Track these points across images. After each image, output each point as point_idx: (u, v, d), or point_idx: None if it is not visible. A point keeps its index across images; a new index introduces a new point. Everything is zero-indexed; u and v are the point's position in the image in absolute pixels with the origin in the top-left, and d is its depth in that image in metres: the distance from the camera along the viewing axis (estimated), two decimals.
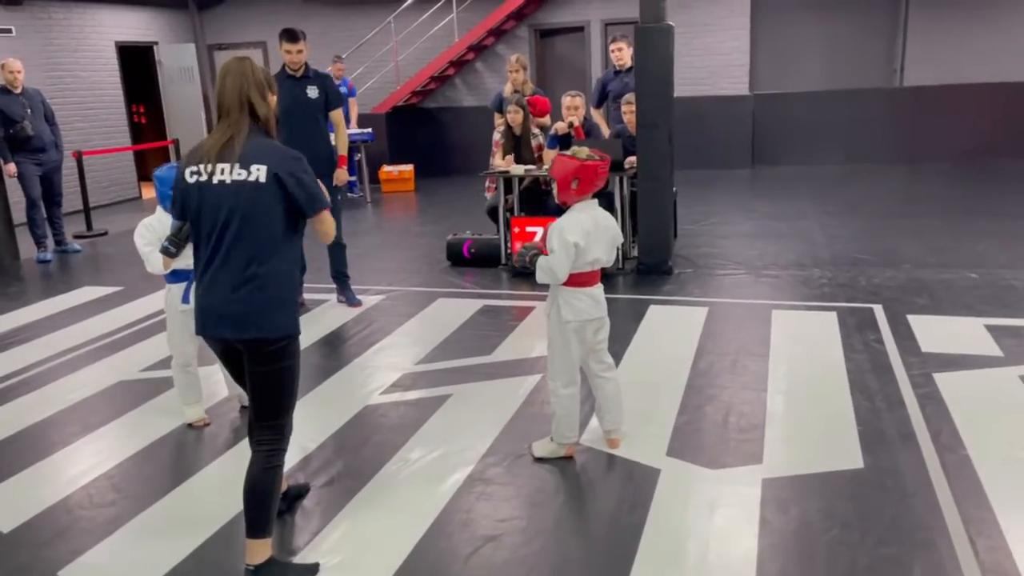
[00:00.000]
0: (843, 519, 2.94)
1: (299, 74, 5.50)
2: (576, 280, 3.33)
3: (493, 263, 6.77)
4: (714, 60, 11.51)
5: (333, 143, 5.78)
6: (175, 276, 3.74)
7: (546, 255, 3.27)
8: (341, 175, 5.71)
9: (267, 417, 2.66)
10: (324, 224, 2.71)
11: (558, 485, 3.33)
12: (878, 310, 5.19)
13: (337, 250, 5.84)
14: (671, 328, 5.14)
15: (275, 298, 2.58)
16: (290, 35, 5.42)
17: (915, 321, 4.94)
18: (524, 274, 6.21)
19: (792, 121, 11.56)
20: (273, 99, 2.69)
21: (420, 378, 4.53)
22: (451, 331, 5.26)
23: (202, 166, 2.55)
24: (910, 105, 11.20)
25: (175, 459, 3.71)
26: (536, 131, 6.96)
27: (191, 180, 2.57)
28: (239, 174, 2.52)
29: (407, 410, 4.11)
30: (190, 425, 4.00)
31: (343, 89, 10.48)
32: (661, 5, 5.99)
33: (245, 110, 2.59)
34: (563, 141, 6.68)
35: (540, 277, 3.31)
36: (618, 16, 11.53)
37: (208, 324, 2.62)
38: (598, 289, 3.41)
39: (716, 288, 5.93)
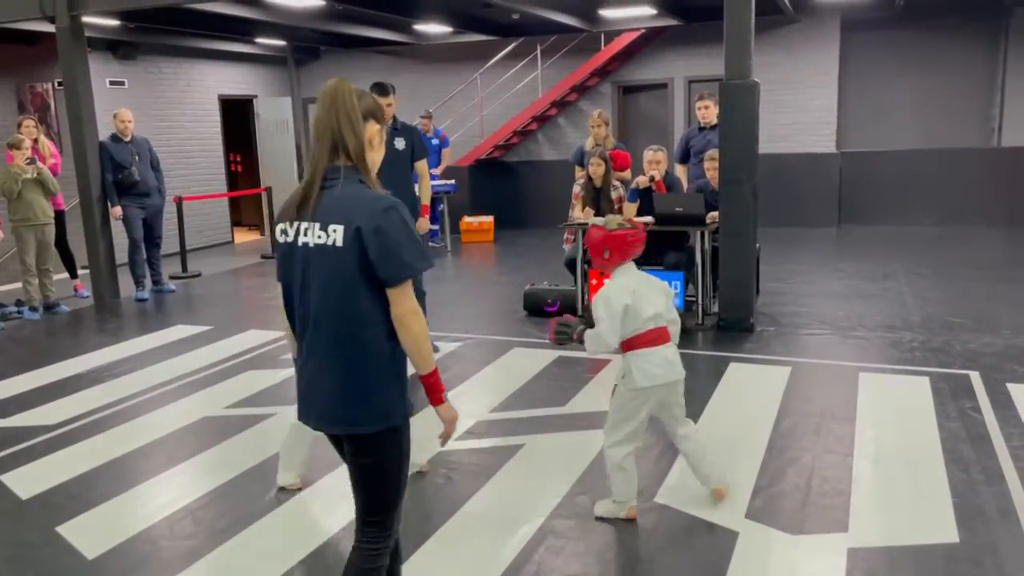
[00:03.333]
0: None
1: (388, 126, 5.71)
2: (645, 339, 3.19)
3: (571, 314, 6.74)
4: (801, 117, 11.37)
5: (417, 193, 5.94)
6: None
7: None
8: (423, 224, 5.85)
9: (370, 512, 2.27)
10: (400, 304, 2.12)
11: (631, 543, 3.25)
12: (975, 377, 4.93)
13: (417, 297, 5.94)
14: (752, 387, 5.00)
15: (368, 383, 2.14)
16: (381, 88, 5.64)
17: (1016, 390, 4.67)
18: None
19: (881, 180, 11.26)
20: (373, 129, 2.20)
21: (494, 426, 4.52)
22: (526, 380, 5.25)
23: (287, 224, 2.17)
24: (1009, 166, 10.77)
25: (256, 495, 3.79)
26: (616, 183, 6.99)
27: (280, 239, 2.20)
28: (318, 236, 2.10)
29: (480, 458, 4.10)
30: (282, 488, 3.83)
31: (435, 140, 10.82)
32: (747, 62, 5.98)
33: (330, 148, 2.13)
34: (644, 195, 6.68)
35: (590, 348, 3.23)
36: (702, 74, 11.56)
37: (305, 412, 2.27)
38: (671, 348, 3.25)
39: (800, 347, 5.76)
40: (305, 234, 2.12)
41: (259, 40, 12.06)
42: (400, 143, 5.71)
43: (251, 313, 7.72)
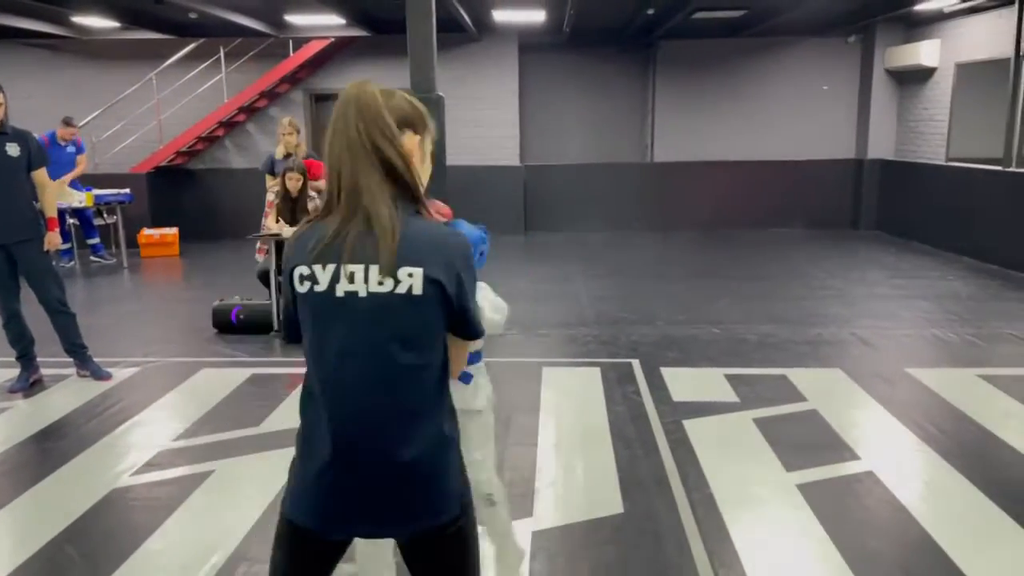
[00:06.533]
0: (605, 563, 3.08)
1: None
2: None
3: (264, 330, 6.49)
4: (487, 131, 12.03)
5: (39, 206, 5.28)
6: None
7: None
8: (53, 239, 5.19)
9: None
10: (460, 358, 1.83)
11: None
12: (636, 364, 5.58)
13: (64, 320, 5.24)
14: None
15: (445, 463, 1.72)
16: None
17: (667, 373, 5.37)
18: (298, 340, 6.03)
19: (560, 191, 12.33)
20: (412, 141, 1.77)
21: (179, 455, 4.19)
22: (216, 403, 4.94)
23: (318, 267, 1.63)
24: (660, 179, 12.39)
25: None
26: (312, 194, 6.85)
27: (301, 288, 1.65)
28: (381, 284, 1.61)
29: (163, 491, 3.77)
30: None
31: (70, 148, 9.62)
32: (431, 76, 6.21)
33: (376, 170, 1.64)
34: None
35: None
36: (392, 86, 11.65)
37: (338, 516, 1.69)
38: None
39: (489, 347, 6.04)
40: (351, 281, 1.61)
41: None
42: (13, 149, 4.98)
43: None
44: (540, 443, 4.26)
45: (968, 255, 9.52)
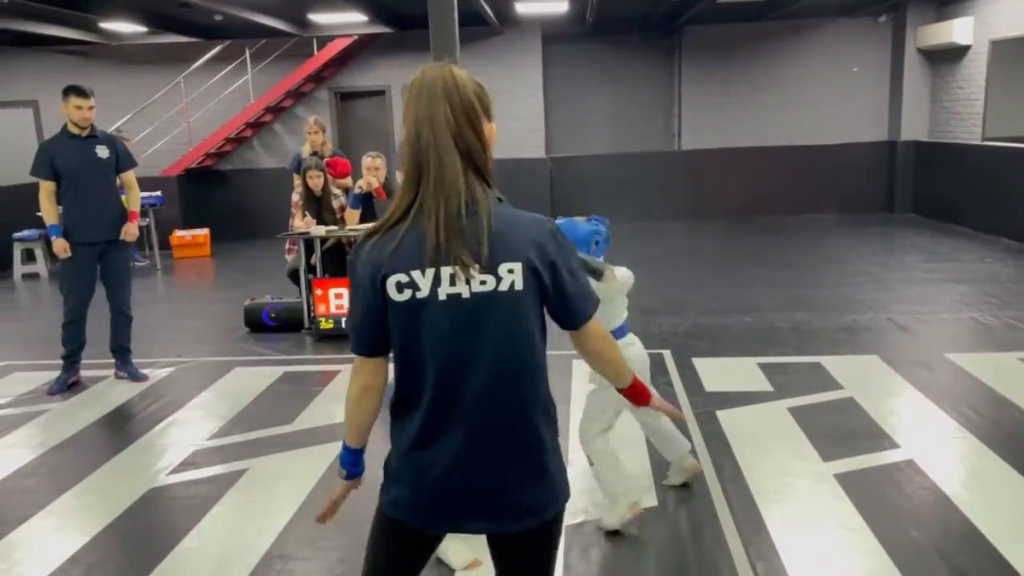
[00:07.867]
0: (640, 557, 3.05)
1: (85, 133, 5.15)
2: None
3: (296, 328, 6.54)
4: (513, 125, 12.00)
5: (125, 204, 5.46)
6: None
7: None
8: (131, 228, 5.35)
9: None
10: (596, 338, 1.73)
11: (358, 555, 3.19)
12: (667, 355, 5.53)
13: (123, 322, 5.41)
14: None
15: (556, 456, 1.71)
16: (80, 91, 5.10)
17: (699, 363, 5.31)
18: (329, 338, 6.11)
19: (586, 182, 12.26)
20: (492, 130, 1.68)
21: (214, 454, 4.24)
22: (249, 401, 4.99)
23: (416, 273, 1.57)
24: (687, 167, 12.26)
25: None
26: (337, 192, 6.88)
27: (399, 296, 1.58)
28: (484, 283, 1.57)
29: (199, 489, 3.82)
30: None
31: None
32: None
33: (461, 160, 1.58)
34: (366, 201, 6.65)
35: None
36: None
37: (446, 514, 1.67)
38: None
39: None
40: (453, 283, 1.56)
41: None
42: (103, 151, 5.22)
43: None
44: (571, 435, 4.22)
45: (1007, 236, 9.31)
